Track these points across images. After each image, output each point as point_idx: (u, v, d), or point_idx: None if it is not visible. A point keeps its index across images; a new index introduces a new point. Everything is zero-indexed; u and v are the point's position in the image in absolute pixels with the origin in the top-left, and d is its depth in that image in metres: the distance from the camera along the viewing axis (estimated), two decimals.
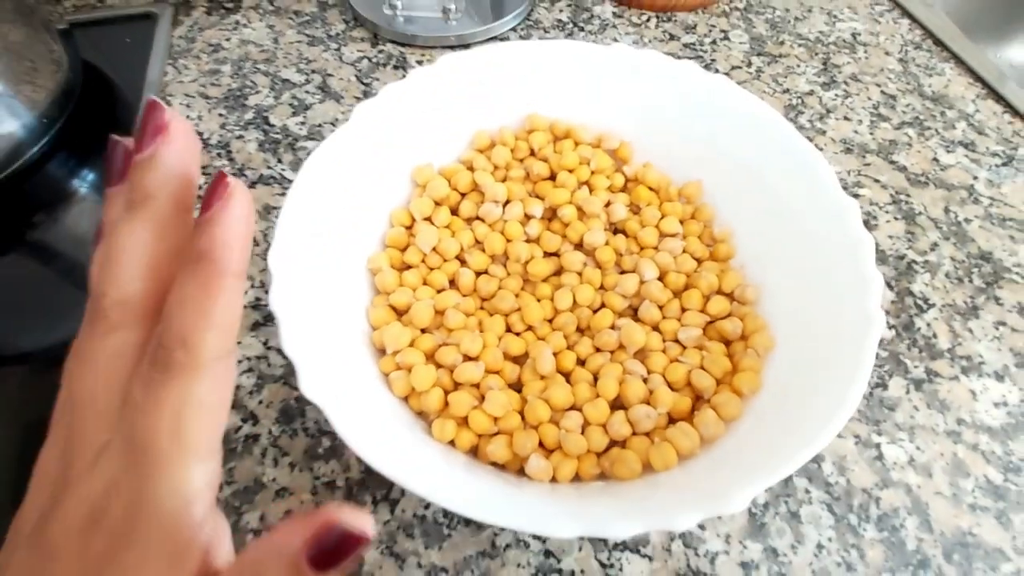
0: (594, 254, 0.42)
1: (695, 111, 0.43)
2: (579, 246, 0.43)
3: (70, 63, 0.59)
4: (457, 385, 0.37)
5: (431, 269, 0.41)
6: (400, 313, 0.40)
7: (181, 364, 0.18)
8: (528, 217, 0.43)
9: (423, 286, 0.41)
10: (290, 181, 0.54)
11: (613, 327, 0.40)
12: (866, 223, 0.53)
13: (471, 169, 0.44)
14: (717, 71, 0.64)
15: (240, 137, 0.58)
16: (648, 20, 0.69)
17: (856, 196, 0.55)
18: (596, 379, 0.37)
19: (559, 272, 0.42)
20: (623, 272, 0.42)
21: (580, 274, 0.42)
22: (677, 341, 0.39)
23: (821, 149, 0.58)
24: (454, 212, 0.44)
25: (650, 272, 0.40)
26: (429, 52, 0.65)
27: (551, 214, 0.44)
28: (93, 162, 0.58)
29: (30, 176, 0.56)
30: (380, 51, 0.65)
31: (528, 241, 0.43)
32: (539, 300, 0.41)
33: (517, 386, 0.38)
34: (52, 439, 0.20)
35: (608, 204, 0.44)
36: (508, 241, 0.42)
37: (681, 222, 0.43)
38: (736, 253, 0.43)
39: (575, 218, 0.43)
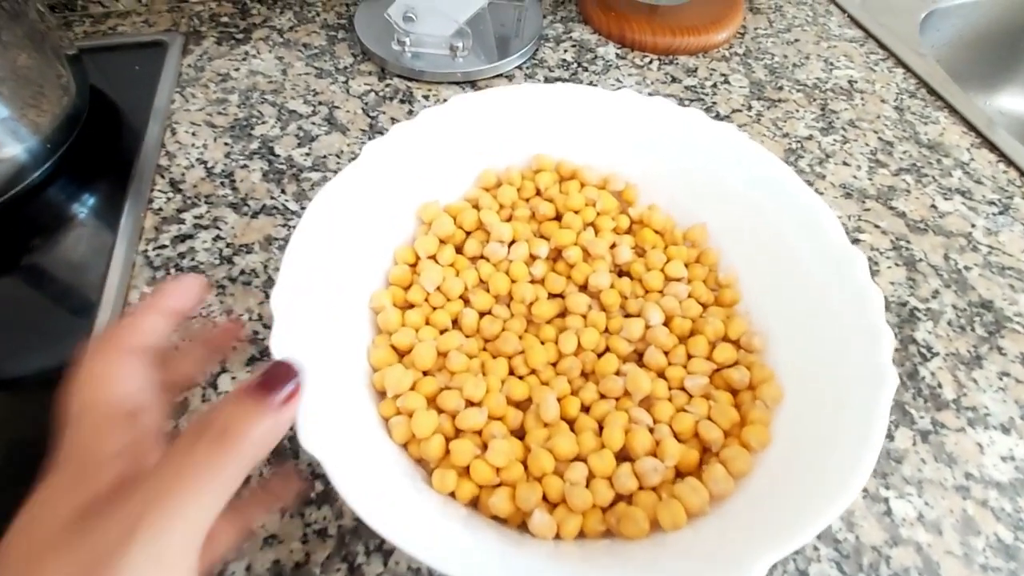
0: (599, 296, 0.40)
1: (701, 157, 0.42)
2: (583, 288, 0.41)
3: (77, 89, 0.57)
4: (459, 432, 0.34)
5: (434, 308, 0.39)
6: (402, 354, 0.37)
7: None
8: (533, 258, 0.41)
9: (426, 326, 0.38)
10: (293, 212, 0.51)
11: (618, 373, 0.37)
12: (869, 270, 0.51)
13: (477, 208, 0.43)
14: (718, 114, 0.63)
15: (244, 167, 0.55)
16: (650, 62, 0.67)
17: (857, 241, 0.54)
18: (601, 427, 0.35)
19: (563, 314, 0.40)
20: (628, 316, 0.40)
21: (585, 316, 0.40)
22: (683, 389, 0.37)
23: (821, 194, 0.57)
24: (459, 250, 0.42)
25: (656, 317, 0.38)
26: (435, 88, 0.63)
27: (556, 255, 0.42)
28: (95, 187, 0.55)
29: (31, 200, 0.53)
30: (387, 85, 0.63)
31: (532, 282, 0.41)
32: (543, 343, 0.39)
33: (520, 432, 0.36)
34: None
35: (613, 246, 0.42)
36: (512, 282, 0.40)
37: (686, 265, 0.42)
38: (741, 298, 0.40)
39: (580, 259, 0.41)
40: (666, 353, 0.38)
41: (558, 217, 0.43)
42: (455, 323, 0.39)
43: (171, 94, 0.61)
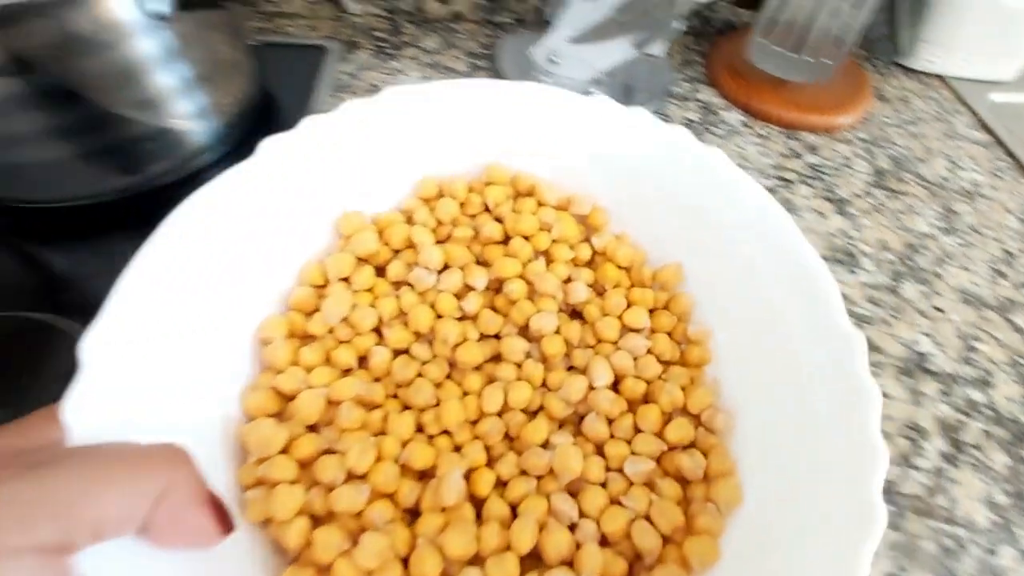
0: (540, 343, 0.31)
1: (687, 186, 0.33)
2: (523, 330, 0.32)
3: (256, 79, 0.55)
4: (330, 514, 0.26)
5: (340, 343, 0.30)
6: (287, 399, 0.29)
7: None
8: (468, 289, 0.32)
9: (323, 365, 0.30)
10: None
11: (546, 444, 0.28)
12: (983, 380, 0.43)
13: (410, 222, 0.34)
14: (840, 197, 0.56)
15: None
16: (773, 135, 0.61)
17: (973, 349, 0.45)
18: (513, 514, 0.27)
19: (495, 359, 0.31)
20: (571, 368, 0.31)
21: (519, 366, 0.31)
22: (622, 471, 0.28)
23: (939, 295, 0.49)
24: (380, 272, 0.33)
25: (603, 378, 0.30)
26: None
27: (497, 286, 0.33)
28: None
29: (200, 179, 0.51)
30: None
31: (463, 318, 0.32)
32: (465, 394, 0.30)
33: (415, 509, 0.27)
34: None
35: (568, 280, 0.33)
36: (438, 316, 0.31)
37: (651, 312, 0.32)
38: (711, 360, 0.31)
39: (523, 296, 0.32)
40: (610, 422, 0.28)
41: (506, 241, 0.34)
42: (363, 361, 0.30)
43: (326, 98, 0.59)
